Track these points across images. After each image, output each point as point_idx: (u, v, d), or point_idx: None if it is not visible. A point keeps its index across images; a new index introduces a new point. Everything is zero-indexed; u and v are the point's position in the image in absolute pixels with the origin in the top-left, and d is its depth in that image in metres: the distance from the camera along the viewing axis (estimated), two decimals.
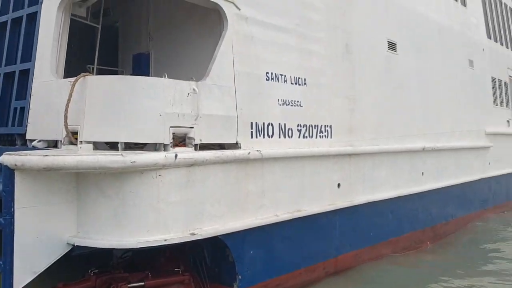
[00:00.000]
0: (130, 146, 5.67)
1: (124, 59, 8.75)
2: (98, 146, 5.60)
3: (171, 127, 5.66)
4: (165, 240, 5.52)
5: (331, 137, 8.30)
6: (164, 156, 5.47)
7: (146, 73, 7.54)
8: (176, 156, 5.56)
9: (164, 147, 5.65)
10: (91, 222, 5.50)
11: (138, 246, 5.40)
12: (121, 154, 5.22)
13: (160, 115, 5.58)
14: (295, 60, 7.65)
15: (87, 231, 5.50)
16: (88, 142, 5.51)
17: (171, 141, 5.66)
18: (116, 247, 5.61)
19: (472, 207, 14.04)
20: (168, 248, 6.21)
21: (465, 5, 14.13)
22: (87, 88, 5.60)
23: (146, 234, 5.45)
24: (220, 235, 6.19)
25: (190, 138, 5.90)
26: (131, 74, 7.91)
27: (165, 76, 5.72)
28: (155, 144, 5.65)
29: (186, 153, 5.73)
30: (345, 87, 8.75)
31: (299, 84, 7.67)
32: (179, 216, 5.71)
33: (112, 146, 5.65)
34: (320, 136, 8.06)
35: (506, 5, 18.26)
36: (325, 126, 8.18)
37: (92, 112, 5.54)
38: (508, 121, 16.83)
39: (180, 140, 5.84)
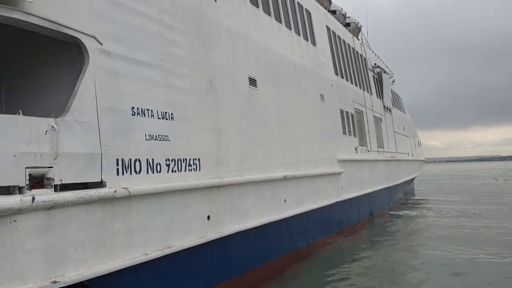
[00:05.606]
0: None
1: None
2: None
3: (27, 167, 5.25)
4: None
5: (200, 170, 8.42)
6: (20, 200, 5.04)
7: None
8: (33, 199, 5.15)
9: (19, 189, 5.20)
10: None
11: None
12: None
13: (14, 155, 5.14)
14: (161, 95, 7.67)
15: None
16: None
17: (27, 183, 5.25)
18: None
19: (330, 229, 15.27)
20: None
21: (315, 45, 15.66)
22: None
23: None
24: (86, 281, 5.83)
25: (49, 178, 5.52)
26: None
27: (19, 113, 5.31)
28: (9, 187, 5.16)
29: (44, 195, 5.35)
30: (211, 121, 9.00)
31: (166, 119, 7.69)
32: (38, 264, 5.28)
33: None
34: (189, 169, 8.13)
35: (349, 45, 20.65)
36: (193, 159, 8.28)
37: None
38: (356, 148, 18.82)
39: (38, 181, 5.42)
